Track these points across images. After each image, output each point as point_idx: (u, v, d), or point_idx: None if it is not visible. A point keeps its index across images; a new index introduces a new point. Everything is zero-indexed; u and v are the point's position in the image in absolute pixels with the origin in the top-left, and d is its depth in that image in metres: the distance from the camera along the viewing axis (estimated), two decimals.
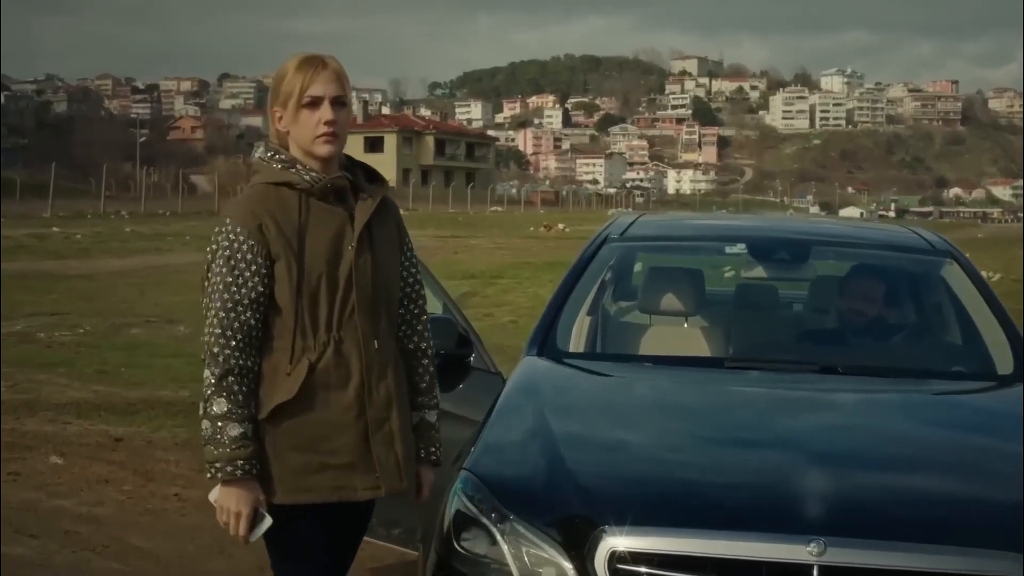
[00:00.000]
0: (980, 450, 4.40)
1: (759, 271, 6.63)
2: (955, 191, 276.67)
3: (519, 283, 25.76)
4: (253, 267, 3.75)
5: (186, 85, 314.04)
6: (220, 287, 3.75)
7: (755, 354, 5.64)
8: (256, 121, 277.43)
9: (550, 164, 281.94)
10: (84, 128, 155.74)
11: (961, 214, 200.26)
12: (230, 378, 3.72)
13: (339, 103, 3.85)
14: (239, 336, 3.74)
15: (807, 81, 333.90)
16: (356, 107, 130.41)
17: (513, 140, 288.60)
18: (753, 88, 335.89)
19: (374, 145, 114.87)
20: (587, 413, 4.73)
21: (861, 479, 3.97)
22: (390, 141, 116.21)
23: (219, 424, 3.72)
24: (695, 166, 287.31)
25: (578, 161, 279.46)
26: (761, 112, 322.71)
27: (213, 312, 3.74)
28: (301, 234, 3.77)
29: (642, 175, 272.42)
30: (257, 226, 3.76)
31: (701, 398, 5.01)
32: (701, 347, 6.03)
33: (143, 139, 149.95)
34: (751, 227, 6.91)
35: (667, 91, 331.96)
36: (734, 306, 6.63)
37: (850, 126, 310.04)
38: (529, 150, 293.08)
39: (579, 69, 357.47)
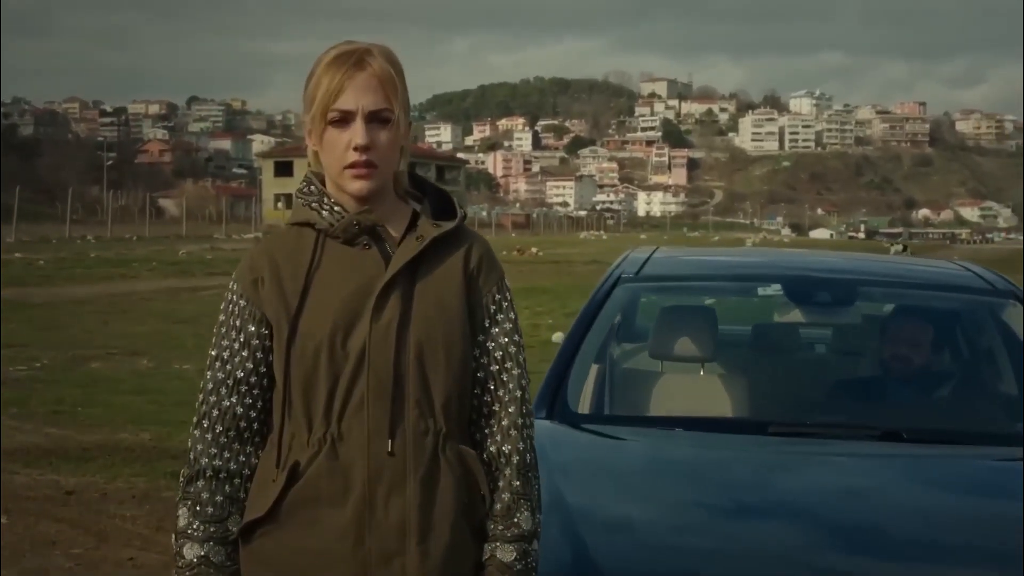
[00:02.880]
0: None
1: (795, 315, 5.83)
2: (924, 212, 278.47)
3: None
4: (242, 336, 2.79)
5: (154, 108, 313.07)
6: (207, 362, 2.87)
7: (798, 416, 4.84)
8: (225, 144, 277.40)
9: (520, 186, 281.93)
10: (51, 151, 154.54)
11: (930, 235, 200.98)
12: (199, 483, 2.79)
13: (380, 119, 2.74)
14: (218, 427, 2.80)
15: (776, 103, 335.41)
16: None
17: (483, 163, 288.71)
18: (722, 110, 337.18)
19: None
20: (618, 503, 3.90)
21: None
22: None
23: (178, 541, 2.83)
24: (665, 188, 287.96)
25: (548, 183, 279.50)
26: (731, 134, 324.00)
27: (200, 393, 2.85)
28: (305, 289, 2.76)
29: (612, 197, 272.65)
30: (253, 282, 2.80)
31: (757, 483, 4.13)
32: (722, 401, 5.20)
33: (110, 162, 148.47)
34: (785, 264, 6.01)
35: (637, 113, 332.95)
36: (751, 349, 5.85)
37: (819, 148, 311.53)
38: (499, 172, 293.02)
39: (549, 91, 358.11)
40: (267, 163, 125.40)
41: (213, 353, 2.83)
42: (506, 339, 2.85)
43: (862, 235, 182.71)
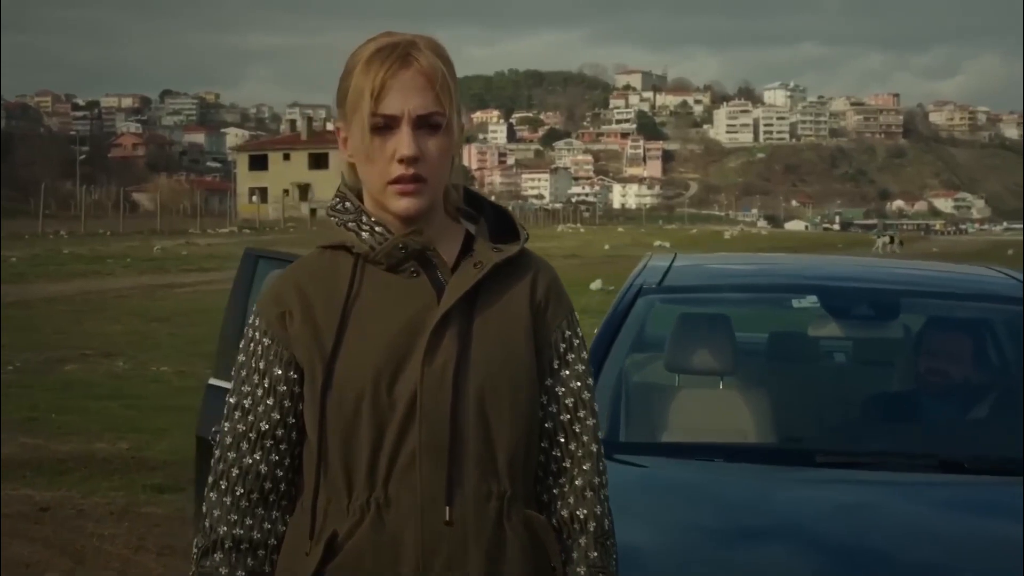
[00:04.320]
0: None
1: (832, 328, 5.40)
2: (898, 203, 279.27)
3: None
4: (267, 381, 2.36)
5: (127, 101, 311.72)
6: (225, 411, 2.43)
7: (843, 442, 4.41)
8: (199, 138, 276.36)
9: (495, 179, 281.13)
10: (23, 146, 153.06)
11: (904, 226, 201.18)
12: (216, 555, 2.37)
13: (429, 124, 2.31)
14: (239, 489, 2.36)
15: (750, 95, 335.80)
16: (300, 123, 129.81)
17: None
18: (697, 102, 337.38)
19: (319, 162, 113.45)
20: (661, 552, 3.49)
21: None
22: (335, 157, 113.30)
23: None
24: (640, 180, 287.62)
25: (523, 176, 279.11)
26: (705, 126, 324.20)
27: (216, 448, 2.43)
28: (342, 324, 2.32)
29: (587, 189, 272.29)
30: (279, 317, 2.36)
31: (832, 532, 3.69)
32: (744, 419, 4.74)
33: (83, 156, 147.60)
34: (819, 274, 5.54)
35: (611, 105, 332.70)
36: (769, 360, 5.44)
37: (793, 140, 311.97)
38: (474, 165, 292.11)
39: (523, 84, 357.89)
40: (242, 157, 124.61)
41: (232, 401, 2.40)
42: (578, 383, 2.42)
43: (837, 227, 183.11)
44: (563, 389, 2.40)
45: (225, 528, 2.35)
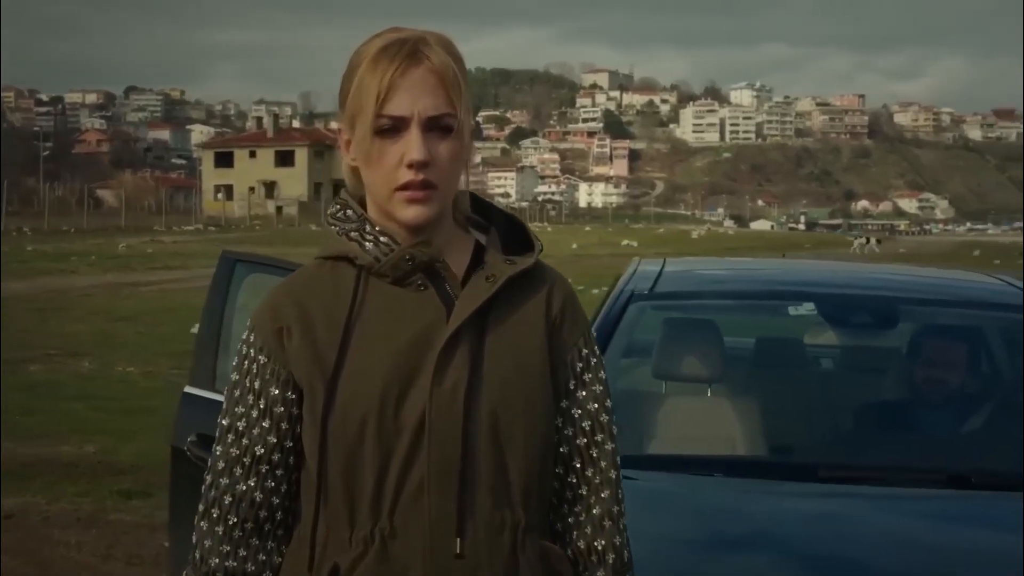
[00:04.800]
0: None
1: (829, 336, 5.25)
2: (863, 204, 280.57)
3: None
4: (263, 402, 2.20)
5: (92, 97, 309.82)
6: (217, 434, 2.27)
7: (844, 455, 4.26)
8: (163, 134, 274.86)
9: (461, 177, 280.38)
10: None
11: (869, 226, 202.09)
12: None
13: (440, 127, 2.16)
14: (231, 518, 2.21)
15: (717, 95, 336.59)
16: (267, 120, 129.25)
17: None
18: (664, 102, 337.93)
19: (285, 159, 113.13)
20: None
21: None
22: (301, 155, 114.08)
23: None
24: (606, 179, 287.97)
25: (489, 175, 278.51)
26: (672, 125, 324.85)
27: (208, 473, 2.27)
28: (344, 341, 2.16)
29: (554, 188, 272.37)
30: (276, 333, 2.20)
31: (815, 544, 3.54)
32: (733, 428, 4.59)
33: (47, 152, 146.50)
34: (816, 280, 5.44)
35: (578, 104, 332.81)
36: (756, 367, 5.30)
37: (759, 139, 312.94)
38: None
39: (490, 82, 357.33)
40: (207, 154, 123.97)
41: (225, 423, 2.24)
42: (595, 405, 2.26)
43: (802, 226, 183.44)
44: (580, 411, 2.25)
45: (217, 560, 2.21)
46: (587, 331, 2.29)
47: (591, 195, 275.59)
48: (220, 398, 4.62)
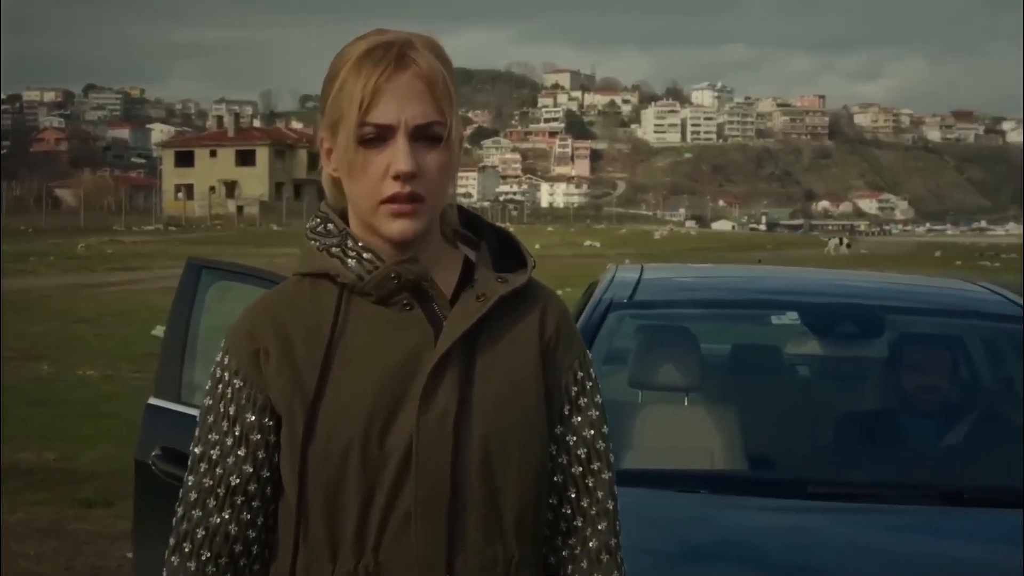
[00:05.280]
0: None
1: (813, 346, 5.12)
2: (823, 204, 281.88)
3: None
4: (238, 429, 2.06)
5: (50, 95, 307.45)
6: (189, 463, 2.12)
7: (831, 470, 4.12)
8: (123, 133, 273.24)
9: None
10: None
11: (830, 227, 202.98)
12: None
13: (428, 136, 2.02)
14: (204, 553, 2.07)
15: (678, 95, 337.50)
16: (228, 119, 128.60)
17: None
18: (625, 102, 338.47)
19: (246, 159, 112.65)
20: None
21: None
22: (262, 155, 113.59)
23: None
24: (568, 179, 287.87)
25: None
26: (633, 126, 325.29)
27: (179, 505, 2.12)
28: (326, 364, 2.03)
29: (515, 188, 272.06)
30: (252, 355, 2.06)
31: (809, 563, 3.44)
32: (712, 439, 4.45)
33: (4, 151, 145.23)
34: (799, 288, 5.28)
35: (540, 104, 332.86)
36: (733, 374, 5.17)
37: (721, 140, 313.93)
38: None
39: None
40: (167, 153, 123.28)
41: (197, 451, 2.09)
42: (591, 431, 2.13)
43: (763, 227, 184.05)
44: (575, 438, 2.11)
45: None
46: (582, 353, 2.16)
47: (553, 195, 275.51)
48: (186, 410, 4.56)
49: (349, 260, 2.06)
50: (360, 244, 2.06)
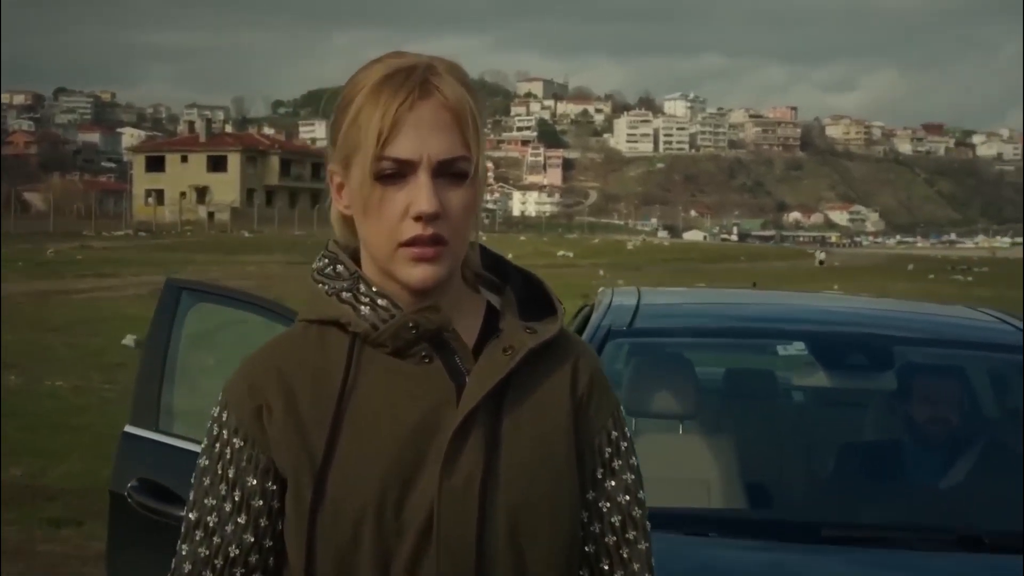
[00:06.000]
0: None
1: (820, 378, 4.90)
2: (795, 215, 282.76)
3: None
4: (238, 493, 1.86)
5: (20, 98, 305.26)
6: (183, 529, 1.90)
7: (844, 515, 3.90)
8: (93, 137, 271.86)
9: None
10: None
11: (801, 238, 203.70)
12: None
13: (453, 172, 1.83)
14: None
15: (651, 105, 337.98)
16: (199, 125, 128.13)
17: None
18: (598, 111, 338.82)
19: (217, 164, 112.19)
20: None
21: None
22: (234, 161, 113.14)
23: None
24: (540, 188, 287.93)
25: None
26: (606, 135, 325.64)
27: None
28: (336, 423, 1.83)
29: (488, 197, 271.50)
30: (254, 412, 1.86)
31: None
32: (708, 468, 4.25)
33: None
34: (806, 317, 5.05)
35: (512, 113, 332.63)
36: (727, 400, 4.95)
37: (693, 150, 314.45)
38: None
39: None
40: (138, 158, 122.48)
41: (192, 517, 1.89)
42: (627, 497, 1.93)
43: (735, 237, 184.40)
44: (608, 504, 1.92)
45: None
46: (616, 410, 1.96)
47: (525, 204, 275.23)
48: (164, 439, 4.33)
49: (362, 307, 1.87)
50: (374, 289, 1.87)
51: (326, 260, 1.94)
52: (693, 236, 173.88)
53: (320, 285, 1.92)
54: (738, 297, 6.02)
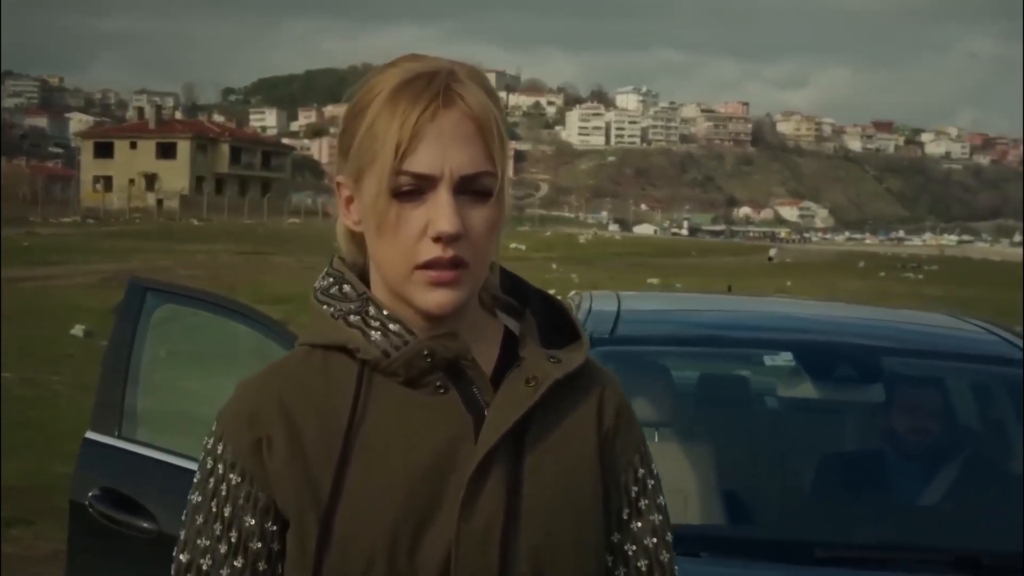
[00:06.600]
0: None
1: (806, 388, 4.76)
2: (745, 210, 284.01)
3: None
4: (235, 534, 1.70)
5: None
6: (173, 571, 1.75)
7: (836, 534, 3.75)
8: (41, 122, 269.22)
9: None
10: None
11: (751, 233, 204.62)
12: None
13: (476, 189, 1.67)
14: None
15: (603, 98, 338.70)
16: (149, 111, 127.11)
17: (308, 149, 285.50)
18: (550, 104, 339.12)
19: (167, 151, 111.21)
20: None
21: None
22: (183, 148, 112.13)
23: None
24: None
25: None
26: (557, 128, 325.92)
27: None
28: (343, 458, 1.67)
29: None
30: (254, 445, 1.70)
31: None
32: (687, 477, 4.10)
33: None
34: (792, 326, 4.89)
35: None
36: (702, 406, 4.79)
37: (644, 144, 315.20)
38: (325, 159, 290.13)
39: None
40: (86, 143, 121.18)
41: (183, 559, 1.73)
42: (653, 540, 1.79)
43: (685, 232, 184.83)
44: (635, 547, 1.78)
45: None
46: (643, 445, 1.82)
47: None
48: (127, 447, 4.15)
49: (372, 332, 1.70)
50: (385, 313, 1.72)
51: (331, 279, 1.78)
52: (643, 230, 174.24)
53: (325, 307, 1.75)
54: (719, 303, 5.87)
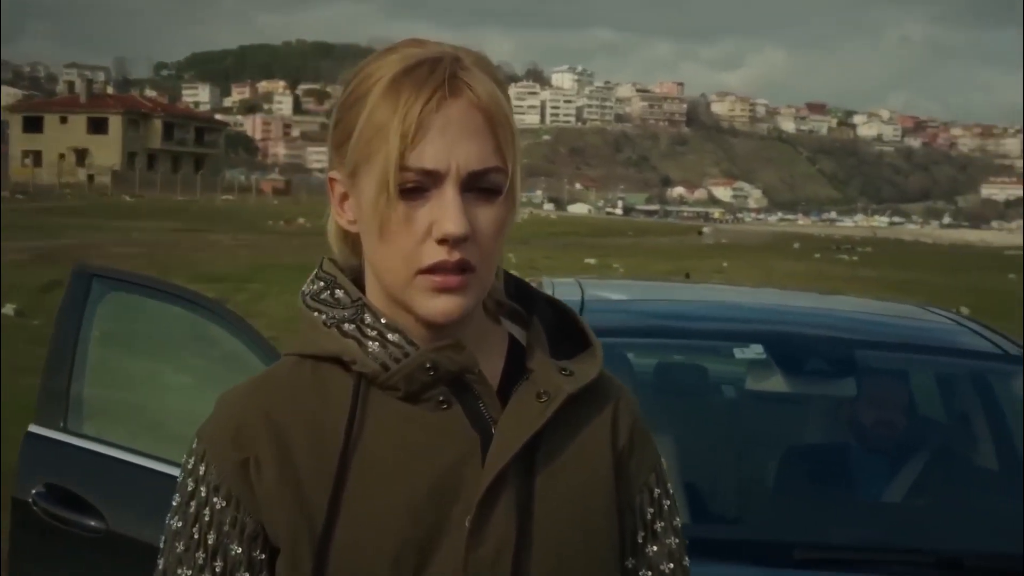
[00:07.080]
0: None
1: (777, 382, 4.63)
2: (679, 190, 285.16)
3: (269, 288, 23.37)
4: (220, 563, 1.53)
5: None
6: None
7: (814, 534, 3.61)
8: None
9: (279, 151, 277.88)
10: None
11: (685, 213, 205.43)
12: None
13: (485, 186, 1.51)
14: None
15: (539, 77, 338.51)
16: (79, 85, 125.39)
17: (241, 125, 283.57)
18: None
19: (98, 126, 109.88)
20: None
21: None
22: (115, 123, 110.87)
23: None
24: None
25: (308, 148, 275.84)
26: None
27: None
28: (339, 480, 1.52)
29: None
30: (240, 466, 1.53)
31: None
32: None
33: None
34: (762, 317, 4.73)
35: None
36: (660, 395, 4.63)
37: (579, 123, 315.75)
38: (258, 136, 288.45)
39: (311, 55, 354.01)
40: (15, 117, 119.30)
41: None
42: (670, 565, 1.66)
43: (619, 211, 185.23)
44: (650, 573, 1.65)
45: None
46: (658, 464, 1.68)
47: None
48: (73, 440, 3.95)
49: (369, 342, 1.55)
50: (383, 321, 1.56)
51: (322, 283, 1.61)
52: (578, 209, 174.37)
53: (316, 314, 1.59)
54: (686, 293, 5.73)
